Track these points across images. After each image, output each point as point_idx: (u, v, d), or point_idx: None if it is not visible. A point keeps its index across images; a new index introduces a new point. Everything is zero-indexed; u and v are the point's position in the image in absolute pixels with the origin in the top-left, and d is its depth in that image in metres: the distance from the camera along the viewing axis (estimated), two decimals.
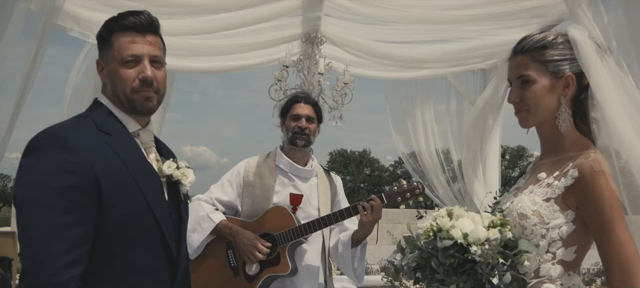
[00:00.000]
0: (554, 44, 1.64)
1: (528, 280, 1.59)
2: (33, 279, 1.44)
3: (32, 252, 1.46)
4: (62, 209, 1.49)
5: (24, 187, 1.54)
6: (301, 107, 2.88)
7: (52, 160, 1.53)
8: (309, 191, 2.87)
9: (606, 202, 1.50)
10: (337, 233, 2.91)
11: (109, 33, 1.72)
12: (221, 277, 2.73)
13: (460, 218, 1.59)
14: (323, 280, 2.83)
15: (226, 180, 2.91)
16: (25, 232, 1.49)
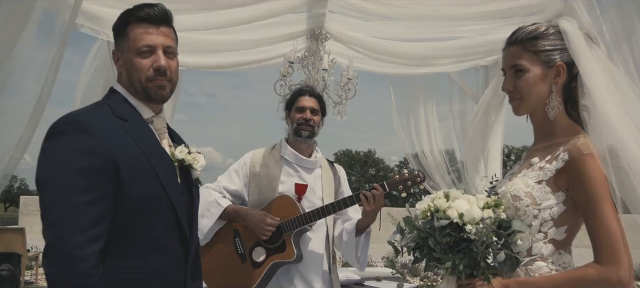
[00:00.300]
0: (546, 35, 1.73)
1: (521, 259, 1.67)
2: (56, 253, 1.54)
3: (55, 228, 1.56)
4: (83, 188, 1.58)
5: (47, 168, 1.63)
6: (306, 99, 2.98)
7: (72, 142, 1.63)
8: (313, 181, 2.96)
9: (594, 183, 1.58)
10: (341, 223, 2.99)
11: (124, 24, 1.81)
12: (229, 264, 2.82)
13: (456, 199, 1.67)
14: (327, 267, 2.92)
15: (233, 170, 3.00)
16: (48, 210, 1.59)
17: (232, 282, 2.80)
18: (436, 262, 1.69)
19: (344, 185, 3.10)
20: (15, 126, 2.98)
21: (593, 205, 1.57)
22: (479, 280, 1.66)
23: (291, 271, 2.84)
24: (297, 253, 2.78)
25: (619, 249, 1.54)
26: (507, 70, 1.78)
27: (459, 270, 1.64)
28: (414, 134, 4.54)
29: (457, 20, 3.36)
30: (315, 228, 2.90)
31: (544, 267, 1.66)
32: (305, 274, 2.85)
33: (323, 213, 2.79)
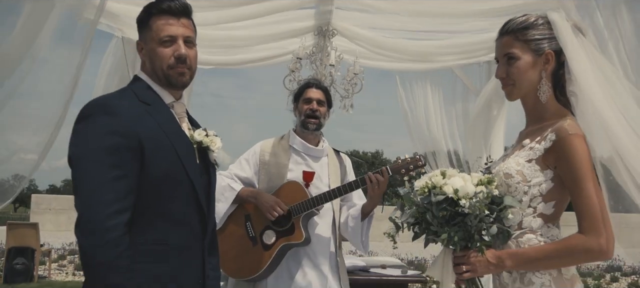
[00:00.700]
0: (535, 25, 1.86)
1: (512, 232, 1.80)
2: (87, 224, 1.69)
3: (86, 201, 1.71)
4: (110, 165, 1.73)
5: (77, 147, 1.79)
6: (313, 91, 3.13)
7: (100, 124, 1.78)
8: (320, 169, 3.11)
9: (579, 160, 1.71)
10: (346, 209, 3.13)
11: (147, 16, 1.97)
12: (240, 246, 2.97)
13: (452, 177, 1.80)
14: (334, 250, 3.06)
15: (244, 159, 3.15)
16: (80, 185, 1.74)
17: (244, 263, 2.94)
18: (433, 235, 1.83)
19: (350, 174, 3.24)
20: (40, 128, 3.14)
21: (578, 182, 1.71)
22: (473, 252, 1.80)
23: (299, 254, 2.98)
24: (305, 236, 2.92)
25: (601, 220, 1.67)
26: (500, 58, 1.92)
27: (454, 241, 1.77)
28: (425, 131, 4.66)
29: (461, 17, 3.48)
30: (322, 214, 3.03)
31: (534, 239, 1.79)
32: (313, 257, 2.99)
33: (330, 197, 2.93)
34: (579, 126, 1.77)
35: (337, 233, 3.10)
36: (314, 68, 4.21)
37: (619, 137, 1.79)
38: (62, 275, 9.91)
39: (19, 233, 8.88)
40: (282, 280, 2.97)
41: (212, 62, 4.33)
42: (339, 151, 3.29)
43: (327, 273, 3.01)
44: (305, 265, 2.97)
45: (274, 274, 2.96)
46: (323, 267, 3.00)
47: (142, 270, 1.77)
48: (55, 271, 9.97)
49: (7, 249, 8.75)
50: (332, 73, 4.17)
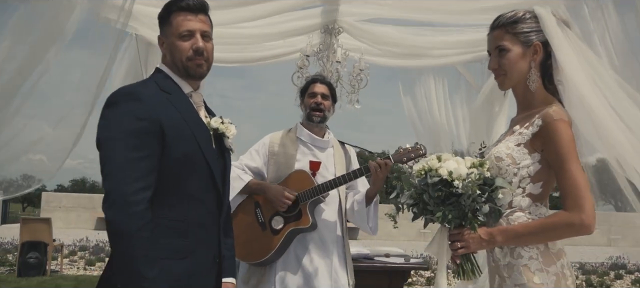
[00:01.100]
0: (524, 19, 2.02)
1: (503, 211, 1.95)
2: (114, 198, 1.85)
3: (113, 179, 1.87)
4: (134, 146, 1.90)
5: (105, 130, 1.96)
6: (317, 86, 3.30)
7: (126, 109, 1.95)
8: (326, 159, 3.27)
9: (564, 143, 1.86)
10: (351, 196, 3.29)
11: (168, 13, 2.13)
12: (251, 231, 3.13)
13: (447, 160, 1.96)
14: (341, 235, 3.21)
15: (254, 150, 3.32)
16: (107, 165, 1.91)
17: (254, 248, 3.10)
18: (430, 215, 1.98)
19: (354, 163, 3.40)
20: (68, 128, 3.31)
21: (562, 163, 1.86)
22: (467, 230, 1.95)
23: (307, 239, 3.13)
24: (312, 221, 3.08)
25: (583, 197, 1.82)
26: (492, 51, 2.07)
27: (449, 219, 1.93)
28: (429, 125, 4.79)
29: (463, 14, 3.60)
30: (328, 201, 3.19)
31: (523, 216, 1.94)
32: (320, 242, 3.15)
33: (335, 184, 3.09)
34: (564, 112, 1.93)
35: (343, 219, 3.25)
36: (320, 65, 4.36)
37: (603, 123, 1.94)
38: (74, 269, 10.12)
39: (32, 228, 9.09)
40: (290, 264, 3.12)
41: (221, 59, 4.48)
42: (344, 143, 3.45)
43: (334, 257, 3.16)
44: (312, 249, 3.13)
45: (283, 258, 3.12)
46: (329, 251, 3.15)
47: (163, 243, 1.93)
48: (66, 266, 10.18)
49: (21, 243, 8.96)
50: (338, 69, 4.33)
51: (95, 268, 10.30)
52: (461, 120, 4.73)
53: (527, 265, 1.91)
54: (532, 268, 1.90)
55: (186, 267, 2.01)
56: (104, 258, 11.00)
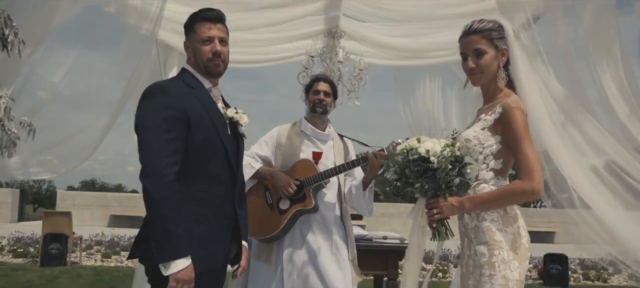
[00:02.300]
0: (495, 28, 2.45)
1: (471, 183, 2.39)
2: (149, 170, 2.29)
3: (148, 155, 2.31)
4: (165, 130, 2.34)
5: (142, 118, 2.40)
6: (320, 84, 3.73)
7: (158, 101, 2.40)
8: (327, 150, 3.70)
9: (519, 127, 2.29)
10: (349, 182, 3.72)
11: (192, 23, 2.59)
12: (260, 212, 3.56)
13: (425, 141, 2.39)
14: (340, 215, 3.64)
15: (263, 141, 3.76)
16: (143, 145, 2.35)
17: (263, 225, 3.53)
18: (411, 187, 2.41)
19: (352, 154, 3.82)
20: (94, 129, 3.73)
21: (517, 142, 2.29)
22: (441, 199, 2.39)
23: (310, 219, 3.56)
24: (314, 203, 3.51)
25: (534, 169, 2.25)
26: (469, 53, 2.49)
27: (425, 190, 2.36)
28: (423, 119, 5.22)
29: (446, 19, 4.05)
30: (329, 186, 3.62)
31: (486, 187, 2.37)
32: (322, 221, 3.57)
33: (335, 172, 3.52)
34: (520, 102, 2.36)
35: (342, 202, 3.68)
36: (324, 65, 4.81)
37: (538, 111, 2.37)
38: (91, 261, 10.60)
39: (54, 221, 9.60)
40: (295, 240, 3.55)
41: (235, 60, 4.94)
42: (342, 136, 3.87)
43: (334, 234, 3.59)
44: (315, 227, 3.56)
45: (289, 235, 3.55)
46: (330, 229, 3.58)
47: (187, 209, 2.37)
48: (84, 258, 10.66)
49: (43, 235, 9.46)
50: (340, 69, 4.77)
51: (111, 260, 10.76)
52: (454, 115, 5.16)
53: (490, 226, 2.34)
54: (494, 228, 2.34)
55: (204, 230, 2.45)
56: (119, 252, 11.47)
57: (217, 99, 2.65)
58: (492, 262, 2.31)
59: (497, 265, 2.30)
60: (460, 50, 2.55)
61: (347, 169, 3.56)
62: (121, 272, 9.09)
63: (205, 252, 2.44)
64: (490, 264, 2.31)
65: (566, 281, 9.43)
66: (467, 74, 2.54)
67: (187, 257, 2.29)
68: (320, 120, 3.73)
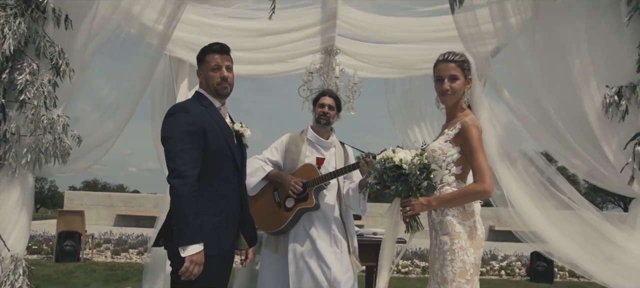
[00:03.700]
0: (466, 60, 3.02)
1: (436, 186, 2.94)
2: (175, 172, 2.84)
3: (174, 161, 2.87)
4: (186, 141, 2.91)
5: (168, 131, 2.97)
6: (325, 98, 4.26)
7: (181, 118, 2.97)
8: (329, 156, 4.23)
9: (474, 140, 2.85)
10: (348, 184, 4.23)
11: (204, 54, 3.17)
12: (269, 208, 4.12)
13: (398, 152, 2.96)
14: (338, 214, 4.17)
15: (273, 147, 4.30)
16: (170, 153, 2.92)
17: (271, 220, 4.09)
18: (387, 189, 2.97)
19: (351, 160, 4.32)
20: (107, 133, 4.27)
21: (473, 153, 2.85)
22: (413, 199, 2.94)
23: (312, 216, 4.09)
24: (316, 202, 4.04)
25: (485, 174, 2.81)
26: (445, 77, 3.03)
27: (399, 191, 2.92)
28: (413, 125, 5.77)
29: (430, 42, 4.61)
30: (329, 188, 4.16)
31: (449, 189, 2.93)
32: (323, 218, 4.10)
33: (334, 175, 4.05)
34: (476, 120, 2.93)
35: (341, 202, 4.22)
36: (322, 79, 5.37)
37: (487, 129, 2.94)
38: (102, 257, 11.17)
39: (68, 219, 10.18)
40: (299, 235, 4.10)
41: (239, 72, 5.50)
42: (344, 143, 4.42)
43: (333, 229, 4.12)
44: (317, 223, 4.09)
45: (294, 230, 4.09)
46: (330, 225, 4.11)
47: (203, 205, 2.94)
48: (95, 254, 11.23)
49: (58, 233, 10.04)
50: (336, 83, 5.33)
51: (120, 257, 11.32)
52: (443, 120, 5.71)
53: (451, 220, 2.90)
54: (455, 222, 2.89)
55: (217, 221, 3.02)
56: (127, 249, 12.03)
57: (225, 115, 3.23)
58: (453, 249, 2.87)
59: (457, 252, 2.86)
60: (437, 74, 3.07)
61: (342, 174, 4.09)
62: (131, 268, 9.65)
63: (218, 239, 3.01)
64: (451, 251, 2.87)
65: (551, 277, 9.96)
66: (440, 94, 3.07)
67: (200, 244, 2.85)
68: (324, 130, 4.27)
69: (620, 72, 2.95)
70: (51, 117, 2.76)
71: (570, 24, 3.11)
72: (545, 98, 3.21)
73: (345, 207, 4.24)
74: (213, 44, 3.18)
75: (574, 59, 3.09)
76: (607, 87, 2.96)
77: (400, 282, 9.19)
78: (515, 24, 3.32)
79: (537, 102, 3.30)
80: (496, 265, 11.05)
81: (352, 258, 4.15)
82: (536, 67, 3.30)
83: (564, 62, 3.15)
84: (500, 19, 3.38)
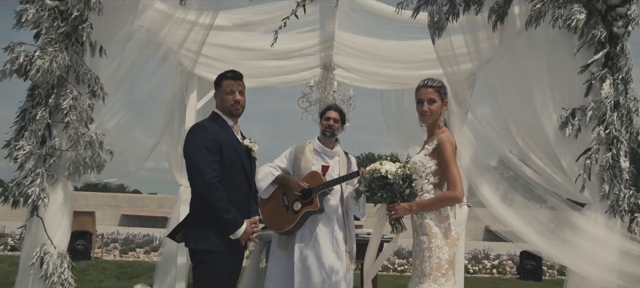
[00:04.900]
0: (443, 86, 3.53)
1: (417, 193, 3.45)
2: (201, 180, 3.38)
3: (198, 171, 3.40)
4: (207, 154, 3.44)
5: (189, 148, 3.50)
6: (331, 112, 4.77)
7: (200, 135, 3.50)
8: (333, 164, 4.72)
9: (448, 154, 3.36)
10: (350, 190, 4.70)
11: (220, 80, 3.70)
12: (278, 211, 4.60)
13: (385, 164, 3.46)
14: (341, 216, 4.65)
15: (283, 155, 4.80)
16: (192, 166, 3.45)
17: (280, 222, 4.58)
18: (375, 196, 3.48)
19: (353, 168, 4.80)
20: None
21: (447, 165, 3.36)
22: (396, 204, 3.44)
23: (317, 218, 4.58)
24: (320, 206, 4.53)
25: (456, 183, 3.31)
26: (425, 100, 3.54)
27: (385, 197, 3.43)
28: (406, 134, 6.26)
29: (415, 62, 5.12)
30: (333, 193, 4.65)
31: (427, 195, 3.43)
32: (326, 220, 4.60)
33: (337, 182, 4.54)
34: (451, 136, 3.43)
35: (344, 205, 4.71)
36: (320, 92, 5.88)
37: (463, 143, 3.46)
38: (110, 256, 11.67)
39: (79, 220, 10.63)
40: (305, 235, 4.59)
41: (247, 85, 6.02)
42: (347, 153, 4.92)
43: (336, 230, 4.62)
44: (322, 224, 4.59)
45: (300, 230, 4.58)
46: (333, 226, 4.61)
47: None
48: (105, 253, 11.73)
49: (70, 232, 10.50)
50: (334, 96, 5.84)
51: (128, 256, 11.81)
52: None
53: (429, 222, 3.40)
54: (432, 224, 3.40)
55: None
56: (134, 248, 12.51)
57: (237, 133, 3.74)
58: (431, 247, 3.37)
59: (433, 249, 3.36)
60: (418, 97, 3.57)
61: (343, 181, 4.59)
62: (140, 266, 10.14)
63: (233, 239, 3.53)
64: (429, 249, 3.37)
65: (540, 276, 10.45)
66: (420, 115, 3.58)
67: (243, 224, 3.43)
68: (329, 141, 4.77)
69: (573, 96, 3.43)
70: (90, 135, 3.27)
71: (532, 53, 3.62)
72: (512, 117, 3.72)
73: (347, 210, 4.74)
74: (228, 72, 3.72)
75: (535, 84, 3.60)
76: (563, 109, 3.45)
77: (396, 280, 9.67)
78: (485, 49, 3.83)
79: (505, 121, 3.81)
80: (488, 264, 11.52)
81: (346, 256, 4.65)
82: (504, 91, 3.80)
83: (528, 86, 3.66)
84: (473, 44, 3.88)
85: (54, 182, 3.32)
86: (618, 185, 3.28)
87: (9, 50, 3.16)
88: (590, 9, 3.34)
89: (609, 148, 3.32)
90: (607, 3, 3.33)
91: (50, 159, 3.24)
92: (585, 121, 3.36)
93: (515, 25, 3.65)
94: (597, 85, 3.32)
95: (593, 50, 3.35)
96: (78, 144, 3.27)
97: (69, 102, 3.20)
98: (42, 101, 3.23)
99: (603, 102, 3.26)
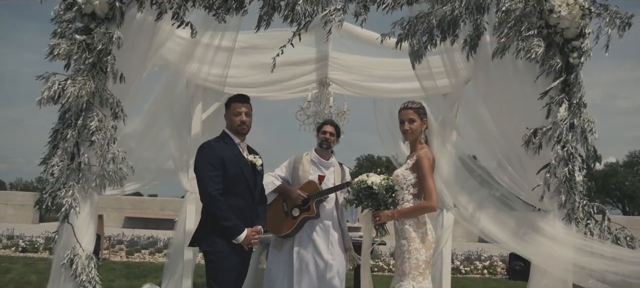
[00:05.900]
0: (422, 107, 4.02)
1: (398, 202, 3.93)
2: (206, 194, 3.89)
3: (204, 185, 3.91)
4: (212, 170, 3.96)
5: (198, 162, 4.01)
6: (327, 127, 5.30)
7: (207, 152, 4.02)
8: (329, 174, 5.24)
9: (425, 169, 3.85)
10: (345, 195, 5.21)
11: (229, 103, 4.21)
12: (278, 217, 5.11)
13: (371, 176, 3.95)
14: (337, 221, 5.16)
15: (283, 165, 5.31)
16: (199, 180, 3.97)
17: (279, 226, 5.09)
18: (362, 204, 3.97)
19: (347, 178, 5.32)
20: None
21: (424, 178, 3.85)
22: (381, 211, 3.93)
23: (314, 223, 5.09)
24: (317, 212, 5.05)
25: (432, 194, 3.81)
26: (405, 120, 4.04)
27: (370, 205, 3.92)
28: None
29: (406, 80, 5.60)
30: (328, 200, 5.16)
31: (407, 204, 3.93)
32: (322, 225, 5.10)
33: (333, 190, 5.06)
34: (429, 152, 3.93)
35: (338, 211, 5.21)
36: (316, 106, 6.36)
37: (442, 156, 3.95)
38: (117, 257, 12.14)
39: None
40: (303, 239, 5.10)
41: None
42: (342, 164, 5.41)
43: (330, 234, 5.12)
44: (318, 229, 5.10)
45: (298, 234, 5.09)
46: (328, 230, 5.11)
47: None
48: (112, 255, 12.20)
49: None
50: (330, 111, 6.33)
51: (134, 257, 12.28)
52: None
53: (408, 227, 3.89)
54: (411, 229, 3.89)
55: None
56: (140, 250, 12.98)
57: (243, 149, 4.24)
58: (410, 249, 3.86)
59: (412, 251, 3.86)
60: (400, 118, 4.08)
61: (339, 189, 5.10)
62: (147, 266, 10.62)
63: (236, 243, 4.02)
64: (408, 251, 3.86)
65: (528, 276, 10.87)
66: (402, 133, 4.08)
67: (244, 231, 3.94)
68: (325, 152, 5.29)
69: (536, 118, 3.89)
70: (114, 152, 3.76)
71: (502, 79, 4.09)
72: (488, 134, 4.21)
73: (342, 214, 5.23)
74: (237, 95, 4.24)
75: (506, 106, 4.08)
76: (527, 128, 3.92)
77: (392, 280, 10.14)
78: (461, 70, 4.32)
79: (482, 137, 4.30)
80: (480, 265, 11.99)
81: (349, 254, 5.18)
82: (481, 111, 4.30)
83: (499, 107, 4.14)
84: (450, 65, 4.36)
85: (84, 193, 3.80)
86: (573, 196, 3.75)
87: (44, 80, 3.65)
88: (549, 41, 3.82)
89: (566, 164, 3.79)
90: (564, 36, 3.82)
91: (79, 173, 3.73)
92: (546, 140, 3.83)
93: (487, 52, 4.13)
94: (555, 108, 3.80)
95: (552, 78, 3.82)
96: (104, 159, 3.75)
97: (95, 123, 3.68)
98: (72, 123, 3.71)
99: (559, 124, 3.74)
